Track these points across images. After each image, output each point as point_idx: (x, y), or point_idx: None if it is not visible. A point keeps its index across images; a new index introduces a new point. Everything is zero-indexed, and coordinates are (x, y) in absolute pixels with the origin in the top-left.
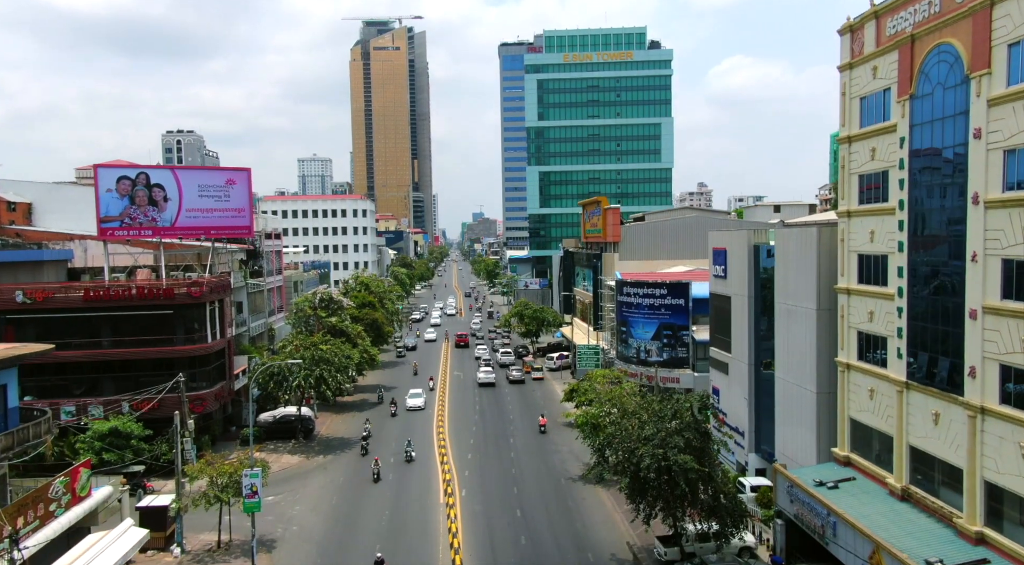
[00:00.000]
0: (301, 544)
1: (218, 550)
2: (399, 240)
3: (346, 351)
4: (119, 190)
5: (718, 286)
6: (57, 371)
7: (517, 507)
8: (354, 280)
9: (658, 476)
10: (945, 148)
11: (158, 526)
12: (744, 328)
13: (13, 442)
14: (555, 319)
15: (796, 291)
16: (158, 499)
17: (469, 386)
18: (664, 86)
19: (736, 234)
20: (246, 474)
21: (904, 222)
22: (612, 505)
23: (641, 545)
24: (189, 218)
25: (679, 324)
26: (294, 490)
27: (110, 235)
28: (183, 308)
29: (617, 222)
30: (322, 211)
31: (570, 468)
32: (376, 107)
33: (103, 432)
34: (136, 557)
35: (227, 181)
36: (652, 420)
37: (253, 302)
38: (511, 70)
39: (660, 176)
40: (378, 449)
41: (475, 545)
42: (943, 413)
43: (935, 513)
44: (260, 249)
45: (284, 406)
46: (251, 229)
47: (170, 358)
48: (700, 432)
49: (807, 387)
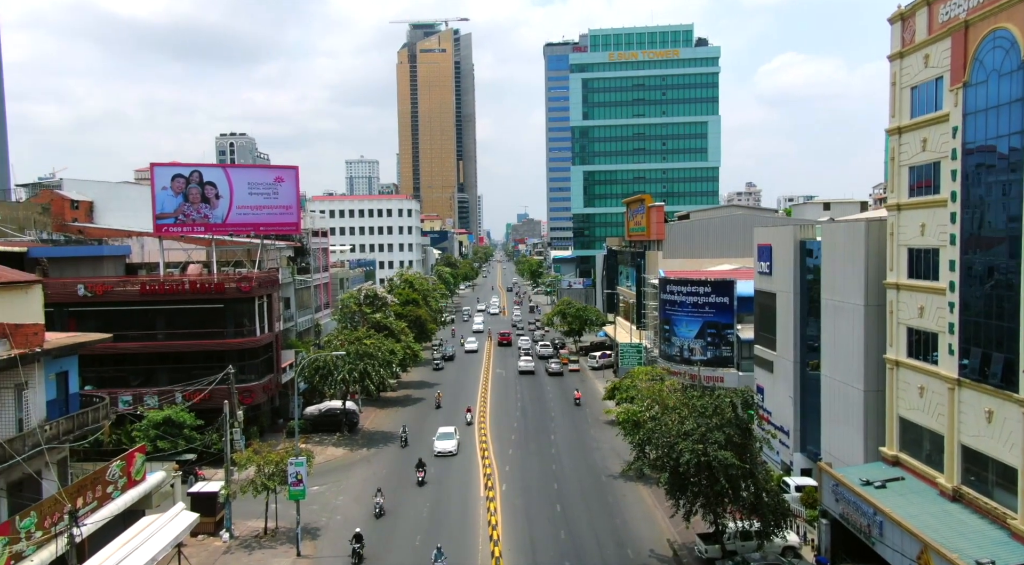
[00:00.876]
0: (344, 532)
1: (264, 536)
2: (444, 240)
3: (390, 346)
4: (174, 188)
5: (763, 283)
6: (115, 362)
7: (557, 502)
8: (399, 278)
9: (698, 472)
10: (1000, 137)
11: (208, 512)
12: (789, 325)
13: (74, 426)
14: (598, 318)
15: (843, 287)
16: (208, 486)
17: (511, 381)
18: (711, 84)
19: (781, 230)
20: (291, 462)
21: (956, 214)
22: (653, 502)
23: (682, 542)
24: (239, 215)
25: (723, 322)
26: (338, 481)
27: (165, 231)
28: (233, 302)
29: (661, 220)
30: (368, 211)
31: (610, 465)
32: (422, 109)
33: (158, 421)
34: (187, 541)
35: (276, 179)
36: (693, 416)
37: (300, 298)
38: (556, 70)
39: (707, 175)
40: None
41: (515, 538)
42: (997, 411)
43: (988, 514)
44: (307, 246)
45: (330, 400)
46: (298, 226)
47: (220, 351)
48: (741, 428)
49: (854, 385)
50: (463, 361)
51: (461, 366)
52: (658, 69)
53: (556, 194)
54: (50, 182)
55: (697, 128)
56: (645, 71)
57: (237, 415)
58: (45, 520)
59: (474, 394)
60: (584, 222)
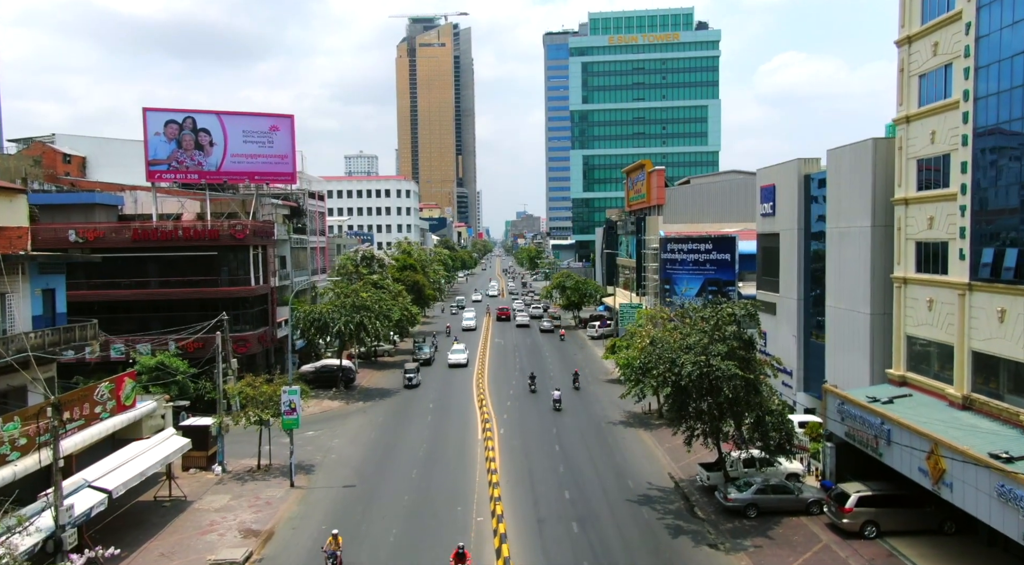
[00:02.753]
0: (339, 468)
1: (258, 471)
2: (443, 227)
3: (387, 302)
4: (167, 134)
5: (766, 225)
6: (108, 309)
7: (556, 443)
8: (395, 246)
9: (700, 385)
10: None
11: (200, 445)
12: (793, 262)
13: (60, 339)
14: (598, 291)
15: (849, 211)
16: (201, 420)
17: (510, 350)
18: (712, 68)
19: (785, 165)
20: (285, 390)
21: (969, 114)
22: (653, 443)
23: (682, 476)
24: (234, 163)
25: (724, 279)
26: (333, 428)
27: (158, 177)
28: (227, 250)
29: (662, 184)
30: (366, 191)
31: (610, 414)
32: (421, 103)
33: (150, 366)
34: (179, 474)
35: (271, 127)
36: (695, 331)
37: (296, 258)
38: (556, 59)
39: (707, 160)
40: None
41: (513, 473)
42: (1010, 309)
43: (999, 416)
44: (304, 207)
45: (327, 360)
46: (294, 176)
47: (214, 298)
48: (743, 341)
49: (860, 310)
50: (443, 376)
51: (442, 383)
52: (658, 52)
53: (555, 184)
54: (42, 137)
55: (697, 112)
56: (645, 55)
57: (231, 363)
58: (29, 426)
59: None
60: (583, 206)
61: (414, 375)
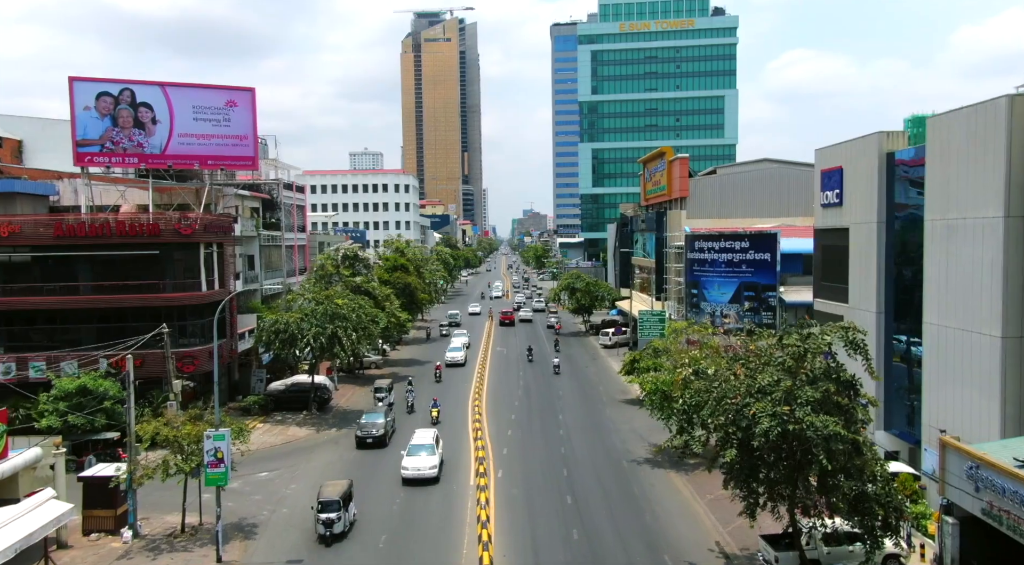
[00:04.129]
0: (287, 530)
1: (181, 535)
2: (445, 224)
3: (369, 310)
4: (99, 108)
5: (829, 218)
6: (26, 320)
7: (568, 493)
8: (385, 245)
9: (778, 447)
10: None
11: (105, 503)
12: (871, 266)
13: None
14: (610, 293)
15: (964, 198)
16: (106, 469)
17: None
18: (729, 55)
19: (858, 142)
20: (208, 435)
21: None
22: (690, 493)
23: (736, 545)
24: (182, 144)
25: (764, 283)
26: (294, 466)
27: (88, 161)
28: (172, 248)
29: (685, 174)
30: (363, 186)
31: (632, 449)
32: (427, 98)
33: (69, 391)
34: (77, 543)
35: (227, 102)
36: (771, 366)
37: (268, 257)
38: (563, 50)
39: (723, 153)
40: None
41: (512, 542)
42: None
43: None
44: (278, 200)
45: (301, 375)
46: (255, 160)
47: (155, 307)
48: (843, 383)
49: (983, 331)
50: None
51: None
52: (672, 40)
53: (563, 180)
54: None
55: (713, 103)
56: (658, 42)
57: (173, 384)
58: None
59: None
60: (592, 202)
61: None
